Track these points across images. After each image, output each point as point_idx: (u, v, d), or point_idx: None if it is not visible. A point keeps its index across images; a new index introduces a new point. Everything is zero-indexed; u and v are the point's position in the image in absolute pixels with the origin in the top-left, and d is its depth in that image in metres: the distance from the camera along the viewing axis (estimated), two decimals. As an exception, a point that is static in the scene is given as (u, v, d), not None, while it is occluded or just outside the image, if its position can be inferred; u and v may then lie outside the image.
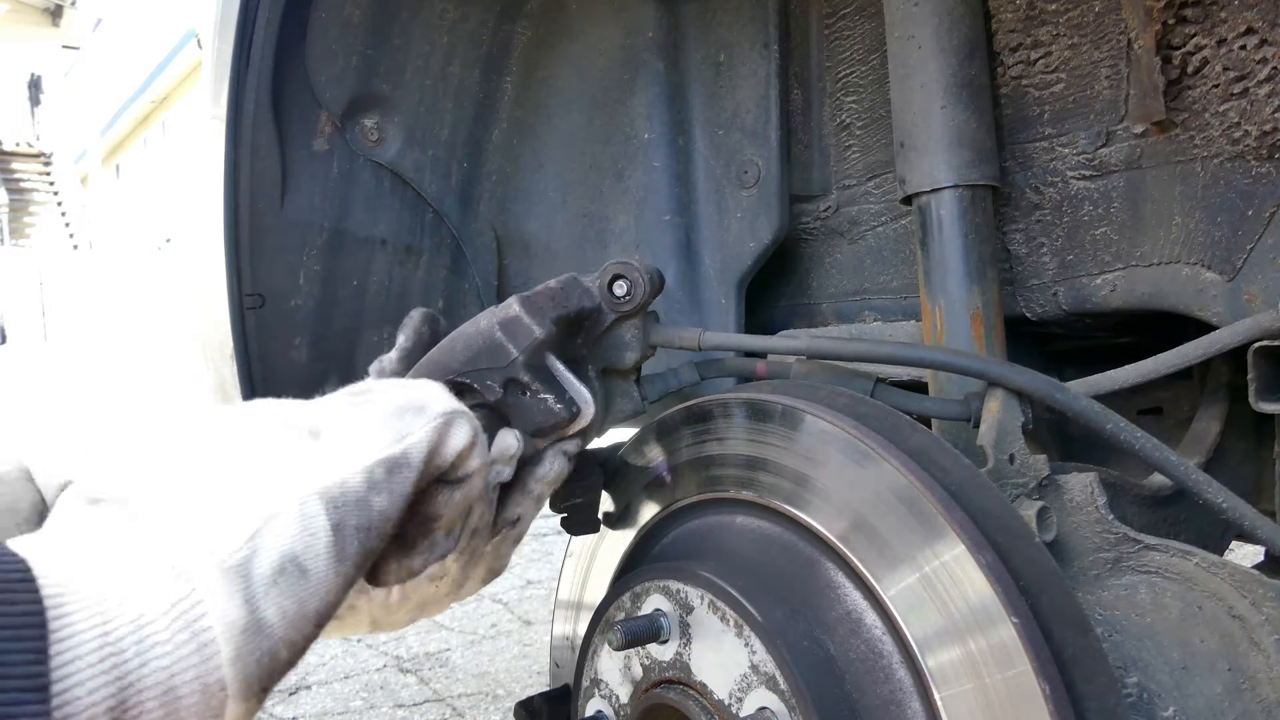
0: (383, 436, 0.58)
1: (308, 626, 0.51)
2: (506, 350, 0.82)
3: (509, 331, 0.83)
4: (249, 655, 0.47)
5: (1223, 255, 1.09)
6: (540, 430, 0.83)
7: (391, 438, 0.58)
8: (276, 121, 1.36)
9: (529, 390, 0.82)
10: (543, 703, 1.14)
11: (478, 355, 0.82)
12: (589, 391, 0.87)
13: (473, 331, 0.84)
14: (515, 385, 0.82)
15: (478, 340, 0.83)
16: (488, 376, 0.81)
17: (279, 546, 0.50)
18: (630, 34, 1.53)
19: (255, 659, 0.48)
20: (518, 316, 0.83)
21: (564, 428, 0.84)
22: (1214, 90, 1.08)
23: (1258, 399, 0.98)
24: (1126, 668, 0.89)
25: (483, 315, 0.86)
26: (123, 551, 0.46)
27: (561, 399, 0.83)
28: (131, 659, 0.42)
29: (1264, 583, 0.90)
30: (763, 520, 0.95)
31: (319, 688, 3.35)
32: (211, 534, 0.48)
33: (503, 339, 0.82)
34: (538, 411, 0.82)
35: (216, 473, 0.52)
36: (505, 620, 3.98)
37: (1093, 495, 0.95)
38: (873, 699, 0.81)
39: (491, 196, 1.63)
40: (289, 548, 0.50)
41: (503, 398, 0.82)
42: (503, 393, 0.81)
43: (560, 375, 0.86)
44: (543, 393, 0.82)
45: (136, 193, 26.48)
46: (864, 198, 1.47)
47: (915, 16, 1.18)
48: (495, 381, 0.81)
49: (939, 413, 1.11)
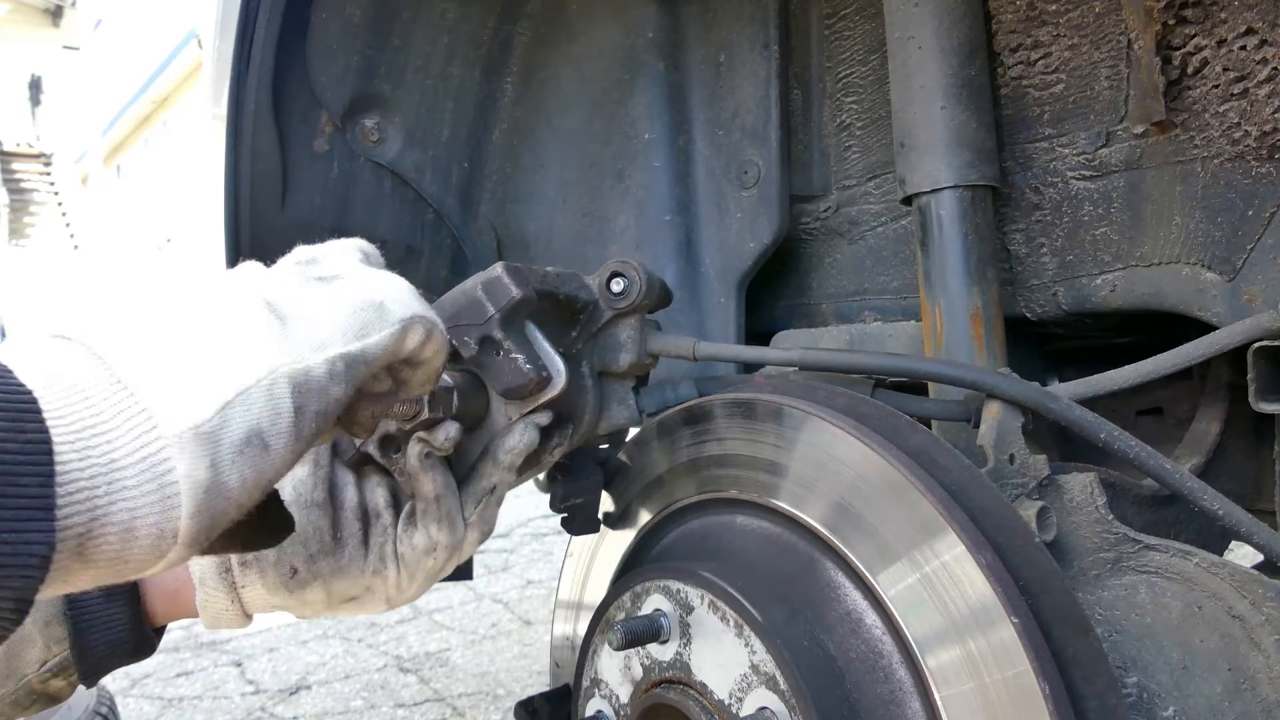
0: (347, 330, 0.63)
1: (257, 493, 0.56)
2: (484, 308, 0.84)
3: (489, 290, 0.85)
4: (205, 512, 0.52)
5: (1223, 255, 1.09)
6: (510, 390, 0.85)
7: (354, 333, 0.63)
8: (277, 121, 1.37)
9: (502, 349, 0.84)
10: (543, 702, 1.15)
11: (459, 312, 0.85)
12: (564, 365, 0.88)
13: (460, 290, 0.87)
14: (490, 344, 0.84)
15: (461, 298, 0.86)
16: (465, 333, 0.84)
17: (248, 421, 0.54)
18: (630, 34, 1.53)
19: (209, 516, 0.52)
20: (499, 277, 0.85)
21: (533, 392, 0.85)
22: (1214, 90, 1.08)
23: (1258, 399, 0.98)
24: (1126, 668, 0.89)
25: (471, 278, 0.88)
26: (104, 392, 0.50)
27: (533, 362, 0.84)
28: (102, 496, 0.47)
29: (1264, 583, 0.90)
30: (763, 520, 0.95)
31: (319, 688, 3.35)
32: (187, 398, 0.52)
33: (482, 297, 0.84)
34: (508, 371, 0.84)
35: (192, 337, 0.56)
36: (505, 620, 3.98)
37: (1093, 495, 0.95)
38: (873, 699, 0.81)
39: (492, 196, 1.63)
40: (256, 423, 0.55)
41: (477, 354, 0.84)
42: (478, 350, 0.84)
43: (536, 342, 0.88)
44: (515, 353, 0.84)
45: (137, 193, 26.48)
46: (864, 198, 1.47)
47: (915, 17, 1.18)
48: (472, 339, 0.84)
49: (939, 414, 1.11)
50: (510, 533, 5.40)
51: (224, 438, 0.53)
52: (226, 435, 0.53)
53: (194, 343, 0.55)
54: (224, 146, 1.33)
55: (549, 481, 1.03)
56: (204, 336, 0.56)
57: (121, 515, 0.48)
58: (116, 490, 0.48)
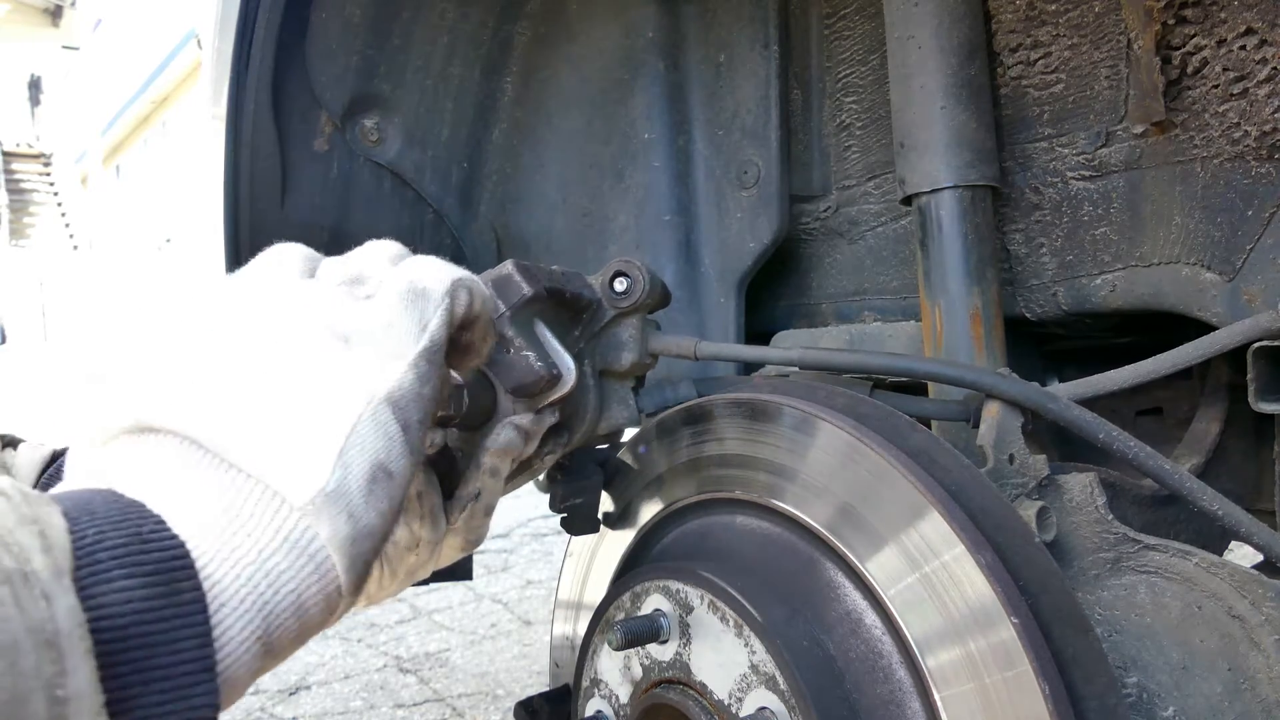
0: (411, 328, 0.63)
1: (396, 515, 0.57)
2: (495, 305, 0.83)
3: (500, 287, 0.84)
4: (358, 559, 0.53)
5: (1222, 255, 1.09)
6: (520, 388, 0.84)
7: (417, 327, 0.63)
8: (277, 122, 1.36)
9: (512, 346, 0.83)
10: (543, 703, 1.15)
11: None
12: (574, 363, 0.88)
13: None
14: (501, 340, 0.84)
15: None
16: None
17: (366, 458, 0.55)
18: (630, 34, 1.53)
19: (364, 560, 0.54)
20: (510, 275, 0.85)
21: (544, 388, 0.84)
22: (1214, 90, 1.08)
23: (1257, 399, 0.98)
24: (1126, 668, 0.89)
25: (480, 275, 0.87)
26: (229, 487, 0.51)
27: (543, 359, 0.84)
28: (265, 591, 0.49)
29: (1264, 583, 0.90)
30: (762, 520, 0.95)
31: (319, 688, 3.35)
32: (303, 461, 0.52)
33: (492, 294, 0.84)
34: (519, 368, 0.83)
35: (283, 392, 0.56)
36: (505, 620, 3.98)
37: (1092, 495, 0.95)
38: (872, 699, 0.81)
39: (492, 196, 1.63)
40: (374, 456, 0.55)
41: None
42: None
43: (545, 340, 0.87)
44: (525, 350, 0.83)
45: (137, 193, 26.48)
46: (864, 198, 1.47)
47: (915, 16, 1.18)
48: None
49: (938, 414, 1.11)
50: (510, 533, 5.40)
51: (351, 485, 0.53)
52: (352, 481, 0.53)
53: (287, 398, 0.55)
54: (223, 146, 1.33)
55: (549, 481, 1.03)
56: (294, 388, 0.56)
57: (288, 600, 0.50)
58: (276, 579, 0.49)
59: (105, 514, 0.46)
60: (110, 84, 26.03)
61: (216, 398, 0.55)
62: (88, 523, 0.45)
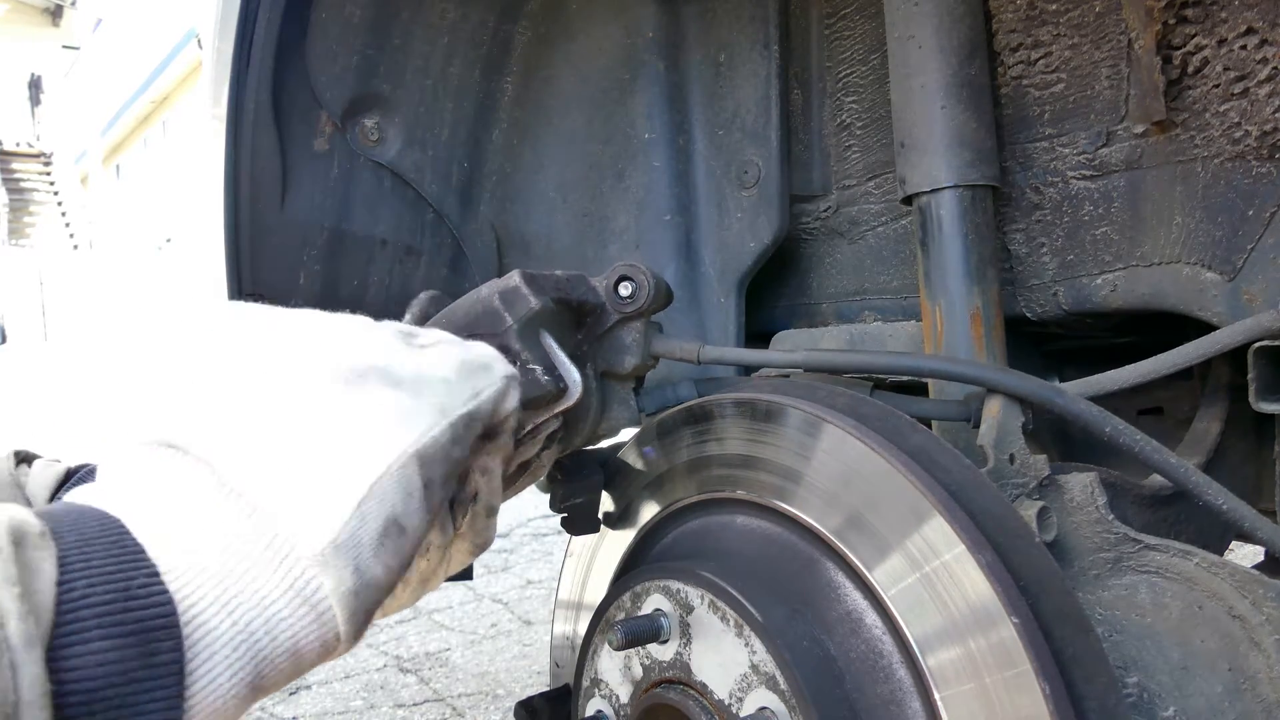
0: (462, 391, 0.62)
1: (403, 570, 0.56)
2: (502, 318, 0.83)
3: (507, 300, 0.84)
4: (360, 611, 0.53)
5: (1223, 255, 1.09)
6: (526, 402, 0.83)
7: (470, 393, 0.62)
8: (277, 121, 1.36)
9: (519, 360, 0.83)
10: (543, 703, 1.15)
11: (475, 321, 0.84)
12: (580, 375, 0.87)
13: (474, 299, 0.86)
14: (507, 354, 0.83)
15: (477, 307, 0.85)
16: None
17: (383, 512, 0.54)
18: (630, 34, 1.53)
19: (364, 612, 0.53)
20: (517, 287, 0.85)
21: (550, 402, 0.84)
22: (1214, 90, 1.08)
23: (1258, 399, 0.98)
24: (1126, 668, 0.89)
25: (486, 285, 0.87)
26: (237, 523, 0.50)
27: (550, 373, 0.83)
28: (263, 639, 0.48)
29: (1264, 583, 0.90)
30: (763, 520, 0.95)
31: (319, 687, 3.35)
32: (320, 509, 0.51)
33: (500, 307, 0.84)
34: (525, 382, 0.83)
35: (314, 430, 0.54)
36: (505, 620, 3.98)
37: (1093, 495, 0.95)
38: (873, 699, 0.81)
39: (492, 196, 1.63)
40: (390, 511, 0.54)
41: None
42: None
43: (552, 353, 0.87)
44: (532, 363, 0.83)
45: (137, 193, 26.48)
46: (864, 198, 1.47)
47: (915, 16, 1.18)
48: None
49: (939, 414, 1.11)
50: (510, 533, 5.40)
51: (363, 538, 0.52)
52: (365, 534, 0.53)
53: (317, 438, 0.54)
54: (224, 146, 1.32)
55: (549, 481, 1.03)
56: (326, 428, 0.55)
57: (285, 646, 0.49)
58: (275, 626, 0.49)
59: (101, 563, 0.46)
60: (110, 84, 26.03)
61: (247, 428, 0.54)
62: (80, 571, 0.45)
